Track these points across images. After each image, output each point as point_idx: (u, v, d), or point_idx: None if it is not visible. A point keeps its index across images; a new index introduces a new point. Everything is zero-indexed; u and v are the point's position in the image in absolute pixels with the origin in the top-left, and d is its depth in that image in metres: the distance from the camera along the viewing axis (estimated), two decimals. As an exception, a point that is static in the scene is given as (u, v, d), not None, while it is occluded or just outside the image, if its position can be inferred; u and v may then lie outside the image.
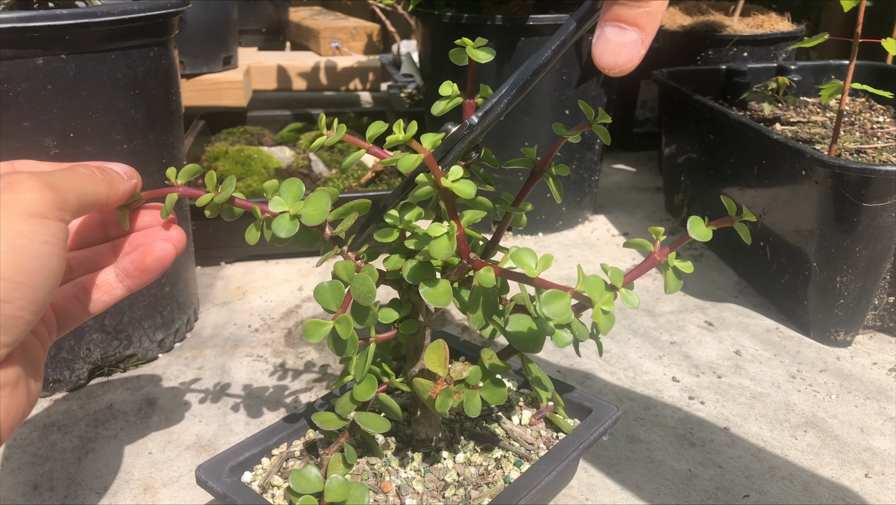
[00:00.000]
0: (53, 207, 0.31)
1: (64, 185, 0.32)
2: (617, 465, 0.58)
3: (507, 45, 0.91)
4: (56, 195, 0.31)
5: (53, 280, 0.31)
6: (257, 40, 1.92)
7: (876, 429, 0.62)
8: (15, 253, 0.29)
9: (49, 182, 0.31)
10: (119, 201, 0.38)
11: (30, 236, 0.30)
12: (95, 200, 0.35)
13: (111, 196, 0.37)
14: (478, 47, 0.41)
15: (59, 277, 0.31)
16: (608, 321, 0.35)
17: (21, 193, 0.30)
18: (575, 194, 1.04)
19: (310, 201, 0.40)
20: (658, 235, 0.44)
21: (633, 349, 0.74)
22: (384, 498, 0.45)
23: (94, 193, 0.35)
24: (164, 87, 0.65)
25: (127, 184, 0.39)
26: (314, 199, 0.40)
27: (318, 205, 0.40)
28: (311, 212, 0.40)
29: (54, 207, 0.31)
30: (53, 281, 0.31)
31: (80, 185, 0.34)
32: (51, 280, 0.31)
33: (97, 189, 0.35)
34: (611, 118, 0.43)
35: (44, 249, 0.30)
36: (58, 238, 0.31)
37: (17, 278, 0.29)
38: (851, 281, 0.71)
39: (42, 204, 0.31)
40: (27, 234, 0.30)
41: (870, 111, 0.97)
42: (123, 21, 0.58)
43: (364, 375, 0.44)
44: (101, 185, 0.36)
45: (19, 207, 0.30)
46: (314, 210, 0.40)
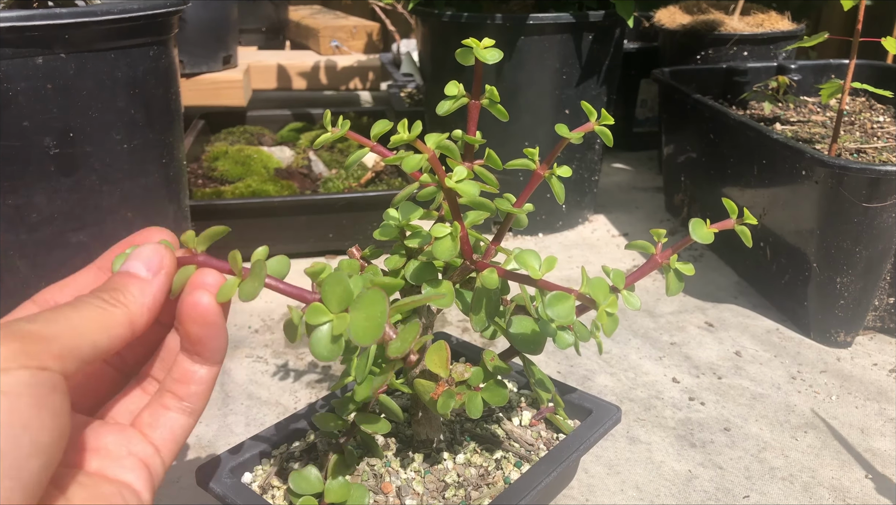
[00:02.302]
0: (21, 357, 0.24)
1: (46, 332, 0.26)
2: (617, 465, 0.58)
3: (507, 44, 0.91)
4: (25, 344, 0.24)
5: (28, 442, 0.23)
6: (257, 39, 1.92)
7: (876, 430, 0.62)
8: None
9: (18, 330, 0.25)
10: (148, 325, 0.30)
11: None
12: (109, 344, 0.28)
13: (136, 327, 0.30)
14: (485, 48, 0.41)
15: (43, 435, 0.24)
16: (612, 323, 0.35)
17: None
18: (575, 194, 1.03)
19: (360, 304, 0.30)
20: (659, 238, 0.44)
21: (633, 350, 0.74)
22: (384, 499, 0.45)
23: (105, 332, 0.28)
24: (164, 87, 0.65)
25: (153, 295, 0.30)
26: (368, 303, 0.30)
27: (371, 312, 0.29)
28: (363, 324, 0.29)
29: (22, 357, 0.24)
30: (28, 442, 0.23)
31: (74, 327, 0.27)
32: (22, 441, 0.23)
33: (109, 328, 0.28)
34: (612, 119, 0.43)
35: (1, 405, 0.23)
36: (32, 389, 0.24)
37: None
38: (852, 282, 0.71)
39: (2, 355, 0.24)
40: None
41: (870, 111, 0.97)
42: (123, 20, 0.58)
43: (365, 376, 0.43)
44: (114, 321, 0.28)
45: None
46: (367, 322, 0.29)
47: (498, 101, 0.43)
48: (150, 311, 0.30)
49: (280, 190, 0.99)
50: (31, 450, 0.23)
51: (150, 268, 0.31)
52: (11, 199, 0.56)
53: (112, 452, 0.30)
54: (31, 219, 0.57)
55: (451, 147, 0.40)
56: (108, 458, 0.30)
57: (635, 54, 1.31)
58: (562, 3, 0.97)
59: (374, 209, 0.92)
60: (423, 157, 0.37)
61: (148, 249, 0.31)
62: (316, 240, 0.93)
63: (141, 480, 0.30)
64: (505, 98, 0.44)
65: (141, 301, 0.30)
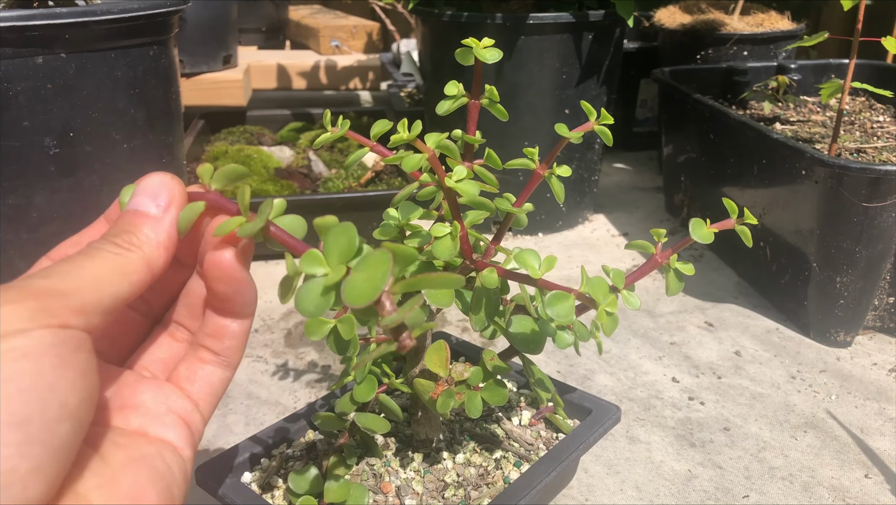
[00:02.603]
0: (41, 315, 0.23)
1: (63, 286, 0.24)
2: (617, 465, 0.58)
3: (507, 44, 0.91)
4: (43, 301, 0.23)
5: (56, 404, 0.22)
6: (257, 39, 1.92)
7: (876, 429, 0.62)
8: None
9: (34, 287, 0.24)
10: (167, 264, 0.29)
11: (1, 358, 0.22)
12: (130, 291, 0.27)
13: (155, 268, 0.28)
14: (485, 47, 0.41)
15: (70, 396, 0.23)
16: (612, 323, 0.35)
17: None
18: (575, 194, 1.03)
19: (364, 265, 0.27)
20: (659, 237, 0.44)
21: (633, 350, 0.74)
22: (384, 498, 0.45)
23: (124, 279, 0.26)
24: (164, 87, 0.65)
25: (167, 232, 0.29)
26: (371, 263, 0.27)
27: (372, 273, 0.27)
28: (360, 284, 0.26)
29: (42, 315, 0.23)
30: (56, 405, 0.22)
31: (92, 278, 0.25)
32: (50, 405, 0.22)
33: (128, 274, 0.27)
34: (612, 118, 0.43)
35: (24, 367, 0.21)
36: (52, 346, 0.22)
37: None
38: (851, 281, 0.71)
39: (18, 316, 0.22)
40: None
41: (870, 110, 0.97)
42: (123, 20, 0.58)
43: (364, 376, 0.43)
44: (132, 267, 0.27)
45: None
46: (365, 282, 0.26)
47: (498, 101, 0.43)
48: (166, 249, 0.28)
49: (280, 190, 0.99)
50: (60, 413, 0.22)
51: (158, 204, 0.29)
52: (11, 199, 0.56)
53: (151, 410, 0.29)
54: (31, 218, 0.57)
55: (451, 147, 0.40)
56: (148, 415, 0.29)
57: (635, 54, 1.31)
58: (562, 3, 0.97)
59: (373, 209, 0.92)
60: (423, 157, 0.37)
61: (154, 182, 0.29)
62: (316, 239, 0.93)
63: (182, 437, 0.29)
64: (505, 98, 0.44)
65: (155, 240, 0.28)
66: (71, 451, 0.23)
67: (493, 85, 0.43)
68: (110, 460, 0.26)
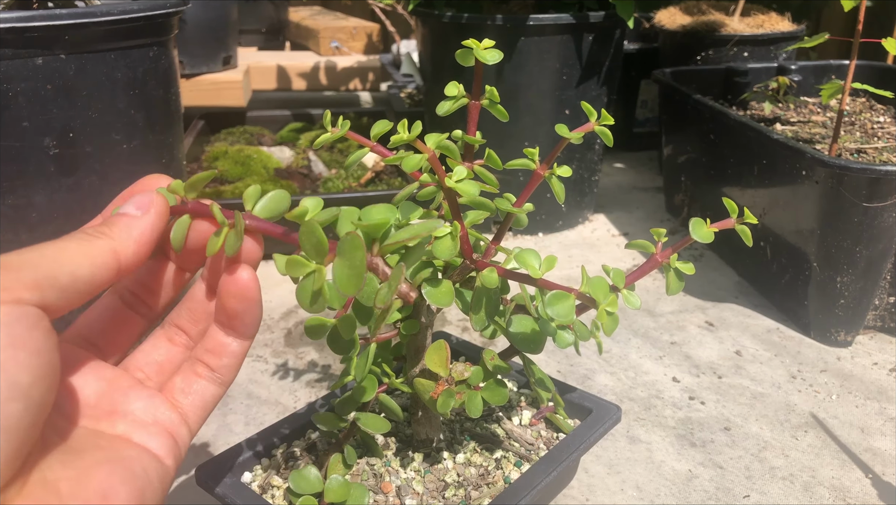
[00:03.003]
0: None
1: (16, 262, 0.24)
2: (617, 465, 0.58)
3: (507, 45, 0.91)
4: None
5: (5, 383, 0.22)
6: (257, 40, 1.92)
7: (876, 429, 0.62)
8: None
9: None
10: (138, 259, 0.29)
11: None
12: (92, 273, 0.27)
13: (122, 257, 0.28)
14: (485, 49, 0.41)
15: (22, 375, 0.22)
16: (612, 322, 0.35)
17: None
18: (575, 194, 1.03)
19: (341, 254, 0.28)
20: (659, 237, 0.44)
21: (633, 349, 0.74)
22: (384, 498, 0.45)
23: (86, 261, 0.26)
24: (164, 87, 0.65)
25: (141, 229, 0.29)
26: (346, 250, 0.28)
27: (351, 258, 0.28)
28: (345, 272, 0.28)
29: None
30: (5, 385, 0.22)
31: (52, 258, 0.25)
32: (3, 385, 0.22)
33: (93, 260, 0.27)
34: (612, 119, 0.43)
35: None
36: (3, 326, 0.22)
37: None
38: (852, 281, 0.71)
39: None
40: None
41: (870, 111, 0.97)
42: (123, 21, 0.58)
43: (364, 376, 0.43)
44: (97, 251, 0.27)
45: None
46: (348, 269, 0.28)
47: (498, 102, 0.43)
48: (137, 243, 0.29)
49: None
50: (10, 393, 0.21)
51: (139, 207, 0.30)
52: (11, 199, 0.56)
53: (138, 419, 0.30)
54: (31, 219, 0.57)
55: (451, 147, 0.40)
56: (134, 423, 0.29)
57: (635, 55, 1.31)
58: (562, 4, 0.97)
59: (374, 209, 0.92)
60: (423, 157, 0.37)
61: (140, 195, 0.31)
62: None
63: (165, 447, 0.30)
64: (505, 99, 0.44)
65: (127, 234, 0.29)
66: (24, 433, 0.22)
67: (493, 86, 0.43)
68: (86, 457, 0.26)
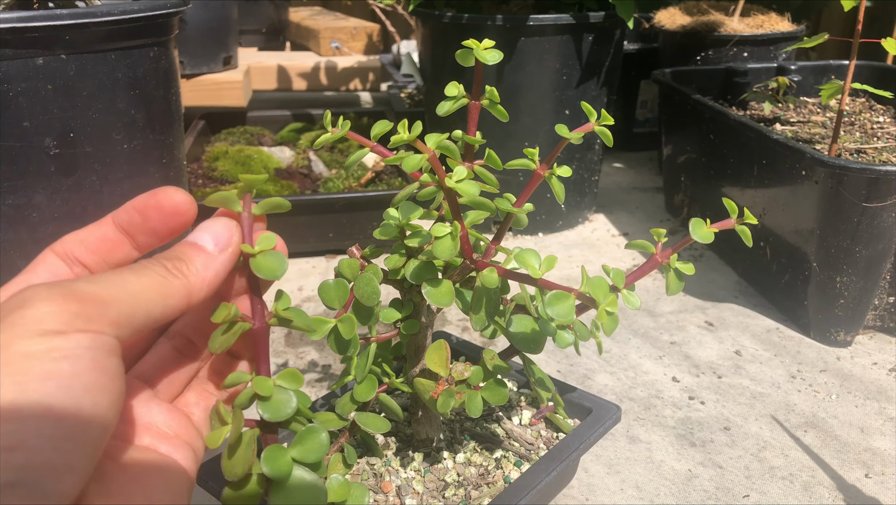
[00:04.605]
0: (79, 320, 0.23)
1: (105, 295, 0.24)
2: (617, 465, 0.58)
3: (507, 45, 0.91)
4: (84, 307, 0.24)
5: (90, 404, 0.22)
6: (257, 40, 1.92)
7: (876, 429, 0.62)
8: (18, 381, 0.21)
9: (77, 292, 0.24)
10: (206, 298, 0.29)
11: (39, 355, 0.22)
12: (163, 314, 0.27)
13: (193, 300, 0.28)
14: (485, 49, 0.41)
15: (101, 400, 0.23)
16: (612, 322, 0.35)
17: (31, 309, 0.23)
18: (575, 194, 1.04)
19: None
20: (659, 237, 0.44)
21: (633, 349, 0.74)
22: (384, 498, 0.45)
23: (161, 301, 0.27)
24: (164, 87, 0.65)
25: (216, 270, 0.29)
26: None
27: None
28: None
29: (80, 320, 0.23)
30: (90, 405, 0.22)
31: (133, 293, 0.25)
32: (84, 403, 0.22)
33: (167, 297, 0.27)
34: (612, 119, 0.43)
35: (63, 368, 0.22)
36: (91, 352, 0.23)
37: (23, 414, 0.21)
38: (852, 281, 0.71)
39: (58, 318, 0.23)
40: (36, 353, 0.22)
41: (870, 111, 0.97)
42: (123, 21, 0.58)
43: (365, 375, 0.43)
44: (172, 292, 0.27)
45: (25, 326, 0.22)
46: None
47: (498, 102, 0.43)
48: (210, 286, 0.29)
49: (280, 190, 0.99)
50: (93, 413, 0.23)
51: (217, 243, 0.30)
52: (12, 199, 0.56)
53: (161, 431, 0.30)
54: (31, 218, 0.57)
55: (451, 147, 0.40)
56: (158, 436, 0.30)
57: (635, 55, 1.31)
58: (562, 5, 0.97)
59: (374, 209, 0.92)
60: (424, 157, 0.37)
61: (219, 224, 0.30)
62: (316, 239, 0.93)
63: (188, 459, 0.30)
64: (505, 99, 0.44)
65: (202, 275, 0.29)
66: (97, 451, 0.23)
67: (493, 86, 0.43)
68: (128, 469, 0.27)
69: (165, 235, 0.30)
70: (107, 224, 0.31)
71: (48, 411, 0.21)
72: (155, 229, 0.30)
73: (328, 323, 0.39)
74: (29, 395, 0.21)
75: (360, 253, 0.43)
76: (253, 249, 0.30)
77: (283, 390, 0.31)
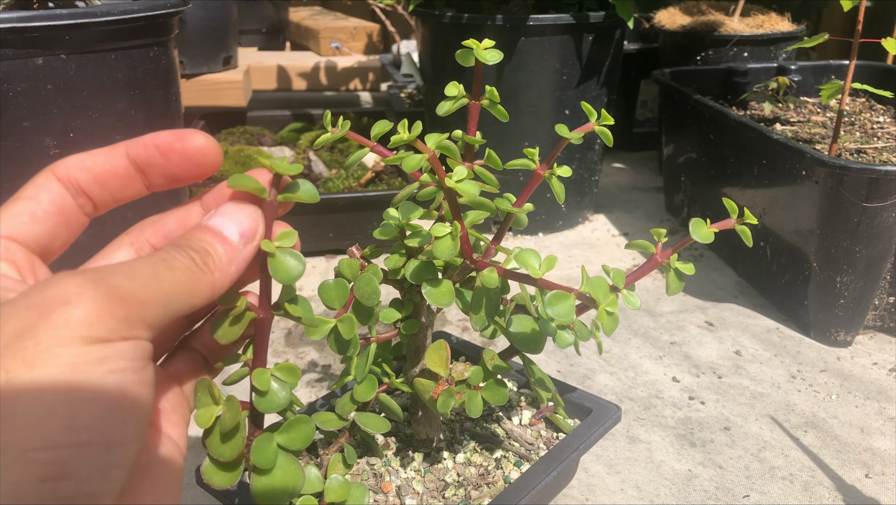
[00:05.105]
0: (123, 326, 0.22)
1: (144, 295, 0.23)
2: (617, 465, 0.58)
3: (507, 45, 0.91)
4: (127, 310, 0.22)
5: (134, 424, 0.21)
6: (257, 40, 1.92)
7: (876, 429, 0.62)
8: (68, 401, 0.20)
9: (120, 291, 0.22)
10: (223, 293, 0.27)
11: (87, 369, 0.20)
12: (186, 311, 0.25)
13: (214, 296, 0.26)
14: (485, 49, 0.41)
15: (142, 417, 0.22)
16: (612, 322, 0.35)
17: (75, 309, 0.21)
18: (575, 194, 1.04)
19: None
20: (659, 237, 0.44)
21: (633, 349, 0.74)
22: (384, 498, 0.45)
23: (188, 300, 0.25)
24: (164, 87, 0.65)
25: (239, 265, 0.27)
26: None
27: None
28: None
29: (125, 326, 0.22)
30: (135, 424, 0.21)
31: (168, 292, 0.24)
32: (130, 424, 0.21)
33: (193, 295, 0.25)
34: (612, 119, 0.43)
35: (111, 385, 0.21)
36: (134, 363, 0.22)
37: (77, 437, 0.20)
38: (852, 281, 0.71)
39: (104, 324, 0.21)
40: (83, 366, 0.20)
41: (870, 111, 0.97)
42: (123, 21, 0.58)
43: (364, 376, 0.43)
44: (199, 289, 0.25)
45: (72, 330, 0.20)
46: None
47: (498, 102, 0.43)
48: (231, 280, 0.27)
49: (280, 190, 0.99)
50: (136, 432, 0.22)
51: (242, 234, 0.28)
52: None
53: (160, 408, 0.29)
54: (31, 219, 0.57)
55: (451, 147, 0.40)
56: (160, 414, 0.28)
57: (635, 55, 1.31)
58: (562, 5, 0.97)
59: (374, 209, 0.92)
60: (424, 157, 0.37)
61: (244, 213, 0.28)
62: (316, 239, 0.93)
63: (183, 438, 0.29)
64: (505, 99, 0.44)
65: (226, 269, 0.27)
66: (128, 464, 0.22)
67: (493, 86, 0.43)
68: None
69: (184, 181, 0.28)
70: (119, 156, 0.28)
71: (98, 436, 0.20)
72: (175, 175, 0.28)
73: (328, 323, 0.39)
74: (79, 419, 0.20)
75: (360, 253, 0.43)
76: (272, 247, 0.28)
77: (281, 383, 0.31)
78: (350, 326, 0.39)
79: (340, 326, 0.40)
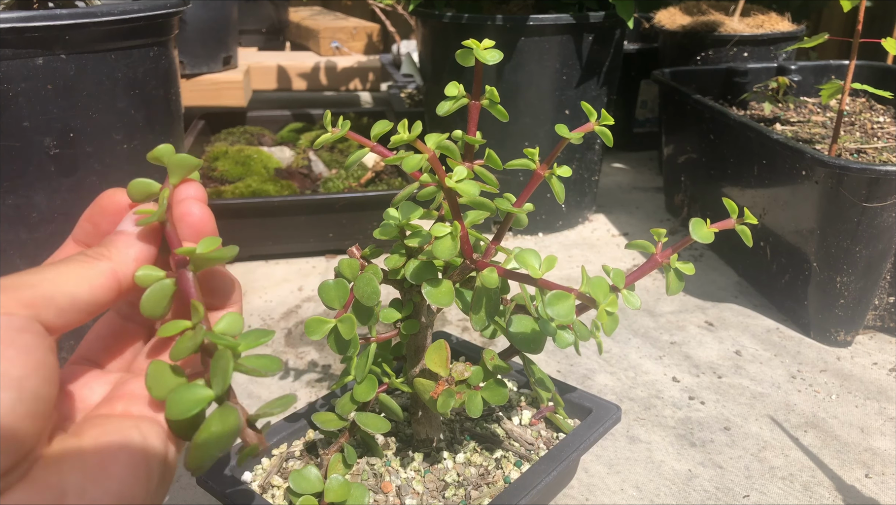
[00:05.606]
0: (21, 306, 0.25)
1: (21, 282, 0.26)
2: (617, 465, 0.58)
3: (507, 45, 0.91)
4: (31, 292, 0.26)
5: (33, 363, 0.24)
6: (257, 40, 1.93)
7: (876, 429, 0.62)
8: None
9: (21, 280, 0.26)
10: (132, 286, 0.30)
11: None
12: (93, 294, 0.28)
13: (122, 277, 0.29)
14: (485, 49, 0.41)
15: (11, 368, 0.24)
16: (612, 322, 0.35)
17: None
18: (575, 194, 1.04)
19: None
20: (659, 237, 0.44)
21: (633, 349, 0.74)
22: (384, 498, 0.45)
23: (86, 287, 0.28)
24: (164, 87, 0.65)
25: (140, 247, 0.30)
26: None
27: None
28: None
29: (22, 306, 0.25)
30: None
31: (52, 280, 0.27)
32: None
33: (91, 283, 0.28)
34: (612, 119, 0.43)
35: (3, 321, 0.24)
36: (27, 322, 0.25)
37: None
38: (852, 281, 0.71)
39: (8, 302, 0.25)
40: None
41: (870, 111, 0.97)
42: (123, 21, 0.58)
43: (365, 376, 0.44)
44: (96, 277, 0.28)
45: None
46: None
47: (498, 102, 0.43)
48: (136, 262, 0.30)
49: (280, 190, 0.99)
50: (2, 383, 0.24)
51: (136, 221, 0.31)
52: (11, 199, 0.56)
53: (136, 394, 0.30)
54: (31, 218, 0.57)
55: (451, 147, 0.40)
56: (133, 399, 0.30)
57: (635, 55, 1.31)
58: (562, 5, 0.97)
59: (374, 209, 0.92)
60: (424, 157, 0.37)
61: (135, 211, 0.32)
62: (316, 239, 0.93)
63: (162, 413, 0.29)
64: (505, 99, 0.44)
65: (125, 253, 0.30)
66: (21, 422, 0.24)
67: (493, 86, 0.43)
68: (84, 438, 0.27)
69: None
70: (68, 247, 0.32)
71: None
72: (106, 232, 0.32)
73: (328, 323, 0.39)
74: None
75: (360, 253, 0.43)
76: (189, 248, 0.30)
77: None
78: (350, 326, 0.39)
79: (340, 326, 0.40)
